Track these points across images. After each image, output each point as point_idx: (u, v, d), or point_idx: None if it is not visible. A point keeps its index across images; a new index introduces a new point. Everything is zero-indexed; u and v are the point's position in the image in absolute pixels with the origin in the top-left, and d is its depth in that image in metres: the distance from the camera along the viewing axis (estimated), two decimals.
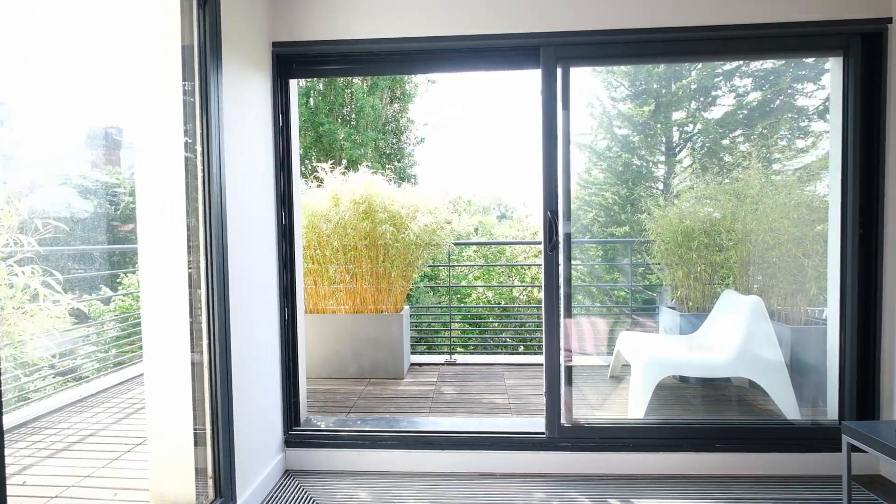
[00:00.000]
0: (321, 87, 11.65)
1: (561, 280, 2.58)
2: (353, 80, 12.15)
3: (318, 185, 3.93)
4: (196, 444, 2.03)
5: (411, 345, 4.45)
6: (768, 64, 11.49)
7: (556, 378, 2.54)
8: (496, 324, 7.65)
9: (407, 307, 4.13)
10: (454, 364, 4.25)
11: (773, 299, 3.24)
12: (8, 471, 1.59)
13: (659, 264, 3.86)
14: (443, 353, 4.52)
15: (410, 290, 4.10)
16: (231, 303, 2.14)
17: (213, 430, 2.10)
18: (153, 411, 2.04)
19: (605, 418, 2.77)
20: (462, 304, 12.65)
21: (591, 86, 14.35)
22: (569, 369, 2.64)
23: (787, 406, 2.76)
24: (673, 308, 3.73)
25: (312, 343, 3.88)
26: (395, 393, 3.56)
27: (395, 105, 13.00)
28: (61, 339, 3.57)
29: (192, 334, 2.06)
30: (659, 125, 11.66)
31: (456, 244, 4.11)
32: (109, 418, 3.16)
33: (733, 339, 2.90)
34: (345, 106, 11.81)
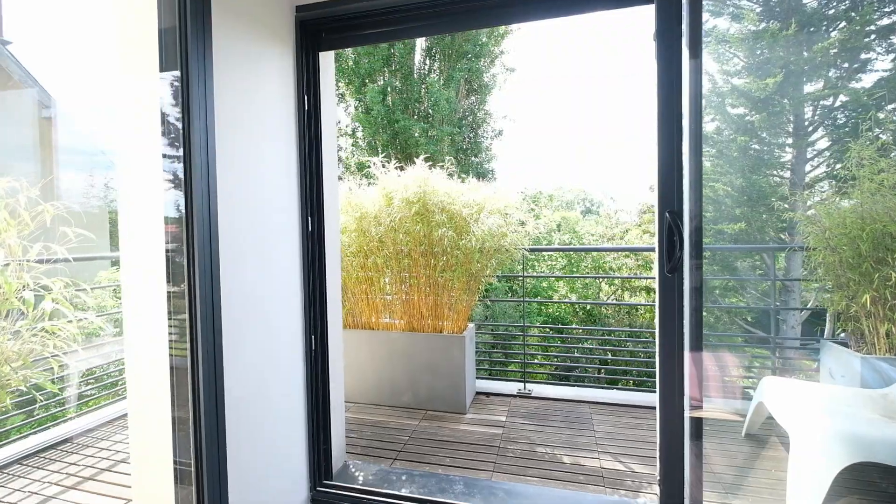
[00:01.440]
0: (398, 83, 11.36)
1: (686, 305, 1.71)
2: (430, 73, 11.70)
3: (370, 183, 3.39)
4: None
5: (477, 368, 3.75)
6: None
7: (677, 437, 1.69)
8: (582, 347, 6.66)
9: (471, 326, 3.43)
10: (528, 396, 3.47)
11: None
12: None
13: (822, 280, 2.71)
14: (515, 379, 3.76)
15: (479, 301, 3.38)
16: (227, 337, 1.61)
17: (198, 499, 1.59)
18: (135, 480, 1.59)
19: None
20: (540, 322, 11.42)
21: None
22: (696, 425, 1.76)
23: None
24: (845, 345, 2.59)
25: (363, 363, 3.36)
26: (453, 434, 2.90)
27: (472, 98, 12.32)
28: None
29: (173, 383, 1.57)
30: (786, 100, 9.57)
31: (532, 251, 3.33)
32: (88, 470, 2.48)
33: None
34: (420, 101, 11.40)
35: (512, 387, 3.60)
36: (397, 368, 3.31)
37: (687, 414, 1.72)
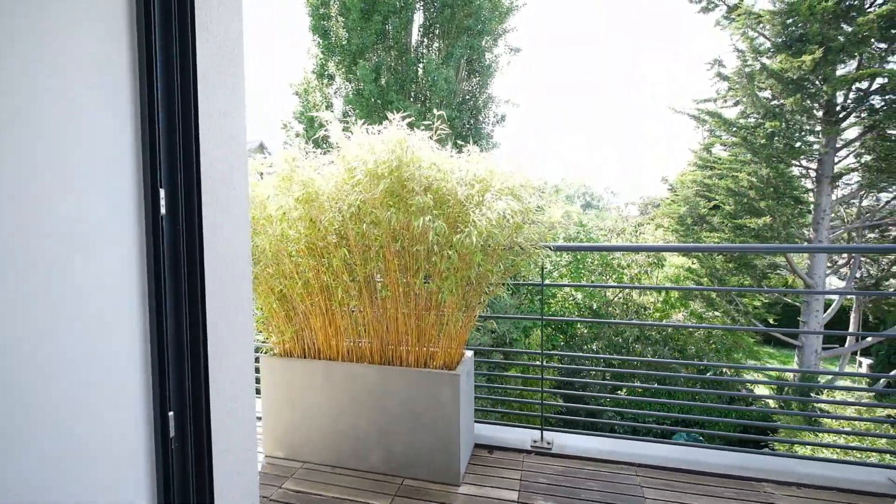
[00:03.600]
0: (392, 61, 10.23)
1: None
2: (428, 51, 10.56)
3: (325, 151, 2.32)
4: None
5: (477, 409, 2.71)
6: None
7: None
8: (627, 385, 5.65)
9: (469, 355, 2.39)
10: (548, 452, 2.44)
11: None
12: None
13: None
14: (529, 425, 2.72)
15: (480, 320, 2.32)
16: None
17: None
18: None
19: None
20: (560, 347, 9.91)
21: (719, 37, 11.14)
22: None
23: None
24: None
25: (315, 407, 2.33)
26: None
27: (474, 80, 11.18)
28: None
29: None
30: (824, 83, 8.44)
31: (559, 249, 2.27)
32: None
33: None
34: (417, 81, 10.28)
35: (525, 436, 2.57)
36: (363, 415, 2.28)
37: None
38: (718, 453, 2.35)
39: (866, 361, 12.27)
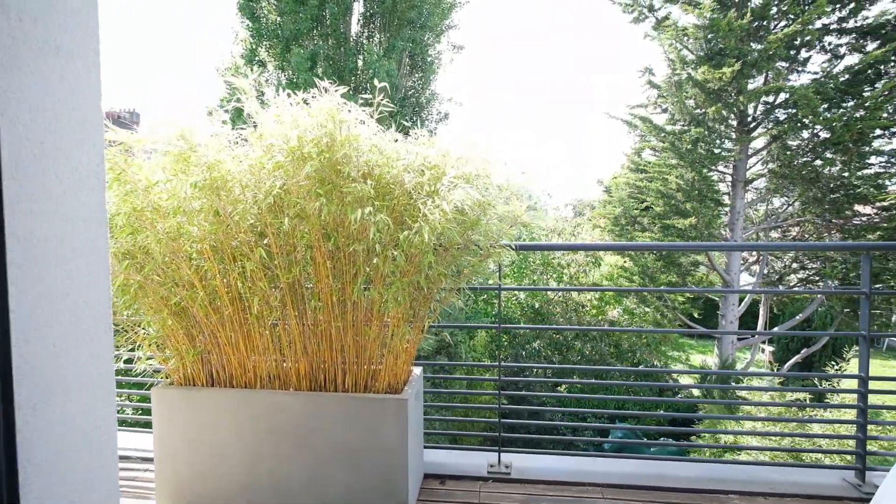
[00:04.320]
0: (329, 50, 9.57)
1: None
2: (367, 42, 10.03)
3: (236, 126, 1.84)
4: None
5: (427, 433, 2.35)
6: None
7: None
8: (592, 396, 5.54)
9: (417, 373, 2.03)
10: (507, 477, 2.15)
11: None
12: None
13: None
14: (485, 447, 2.41)
15: (432, 331, 1.97)
16: None
17: None
18: None
19: None
20: (520, 355, 9.81)
21: (649, 46, 11.68)
22: None
23: None
24: None
25: (226, 447, 1.85)
26: None
27: (416, 75, 10.81)
28: None
29: None
30: (742, 94, 9.07)
31: (521, 249, 1.97)
32: None
33: None
34: (356, 73, 9.71)
35: (480, 460, 2.26)
36: (288, 456, 1.83)
37: None
38: (684, 466, 2.19)
39: (769, 349, 13.58)
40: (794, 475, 2.12)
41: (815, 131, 9.25)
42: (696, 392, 9.88)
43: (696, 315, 10.79)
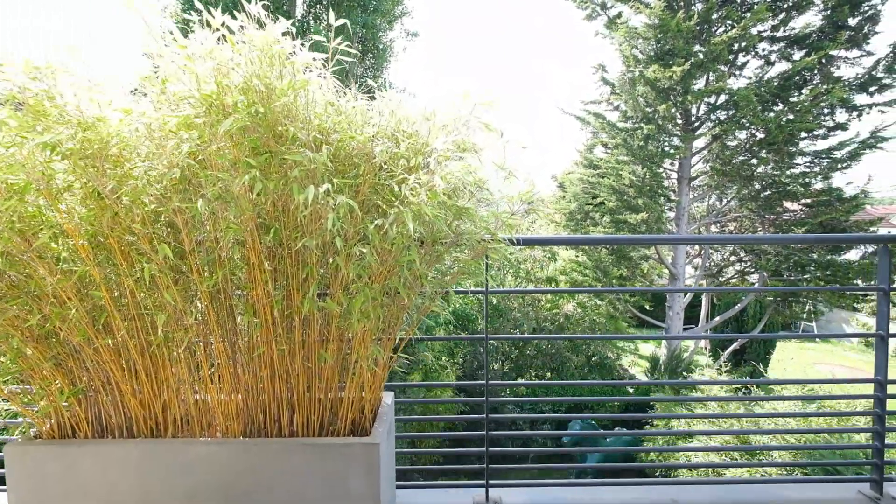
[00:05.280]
0: None
1: None
2: (314, 22, 9.25)
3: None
4: None
5: (401, 467, 1.92)
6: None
7: None
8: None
9: (388, 401, 1.59)
10: None
11: None
12: None
13: None
14: (470, 482, 2.00)
15: (408, 352, 1.50)
16: None
17: None
18: None
19: None
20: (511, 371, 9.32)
21: (602, 43, 11.78)
22: None
23: None
24: None
25: None
26: None
27: (368, 61, 10.18)
28: None
29: None
30: (688, 94, 9.31)
31: (527, 243, 1.57)
32: None
33: None
34: None
35: (464, 498, 1.86)
36: None
37: None
38: (698, 490, 1.92)
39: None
40: (808, 491, 1.91)
41: (752, 131, 9.72)
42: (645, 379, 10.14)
43: (647, 307, 11.07)
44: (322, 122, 1.24)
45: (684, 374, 9.37)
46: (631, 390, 10.19)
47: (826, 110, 9.18)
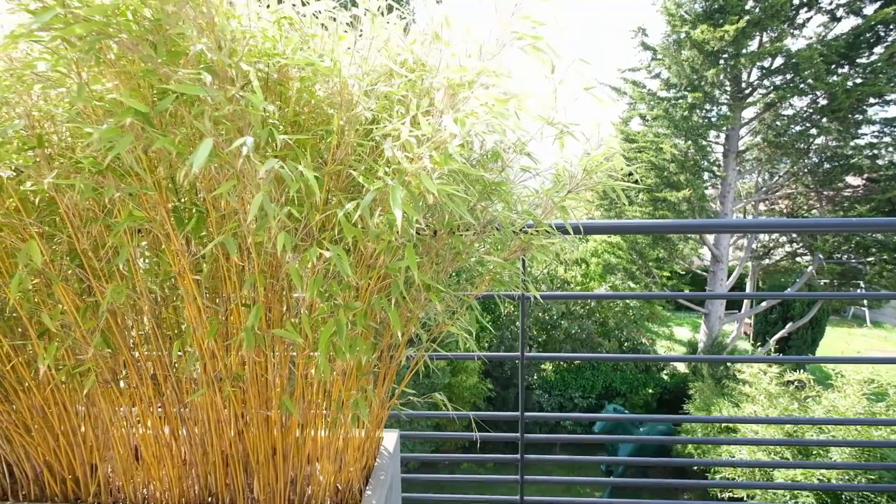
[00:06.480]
0: None
1: None
2: None
3: None
4: None
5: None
6: None
7: None
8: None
9: (391, 444, 1.16)
10: None
11: None
12: None
13: None
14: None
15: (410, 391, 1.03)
16: None
17: None
18: None
19: None
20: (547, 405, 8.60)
21: (640, 5, 10.69)
22: None
23: None
24: None
25: None
26: None
27: None
28: None
29: None
30: (740, 57, 8.26)
31: (589, 233, 1.12)
32: None
33: None
34: None
35: None
36: None
37: None
38: None
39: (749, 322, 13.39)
40: None
41: (813, 97, 8.59)
42: (682, 369, 9.48)
43: (686, 291, 10.28)
44: (271, 49, 0.77)
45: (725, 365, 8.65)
46: (666, 378, 9.58)
47: None
